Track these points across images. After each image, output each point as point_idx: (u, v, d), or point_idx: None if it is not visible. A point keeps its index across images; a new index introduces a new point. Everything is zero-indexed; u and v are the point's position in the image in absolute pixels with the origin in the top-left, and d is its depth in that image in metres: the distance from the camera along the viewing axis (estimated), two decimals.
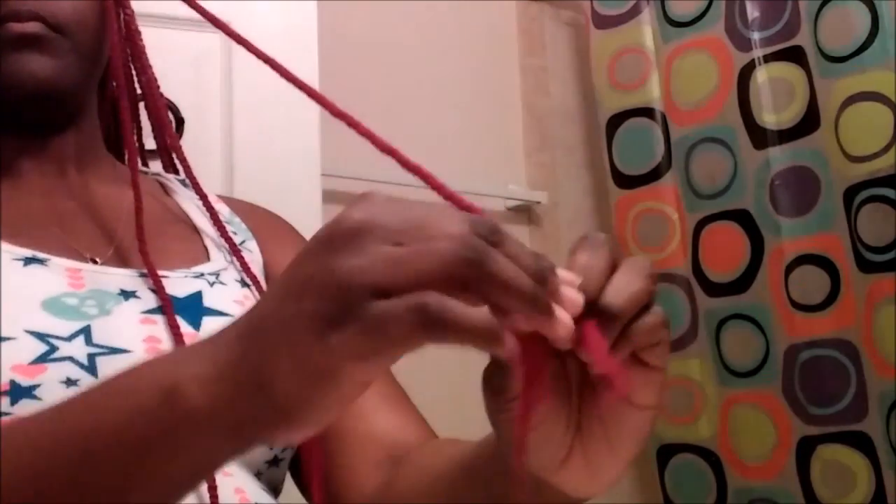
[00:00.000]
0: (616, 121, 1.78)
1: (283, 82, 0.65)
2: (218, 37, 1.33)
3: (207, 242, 0.75)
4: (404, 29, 1.78)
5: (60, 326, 0.60)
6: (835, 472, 1.49)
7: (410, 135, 1.75)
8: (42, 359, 0.58)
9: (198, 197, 0.78)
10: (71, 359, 0.59)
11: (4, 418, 0.55)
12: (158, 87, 0.79)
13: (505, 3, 1.94)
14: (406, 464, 0.67)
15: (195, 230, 0.76)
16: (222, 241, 0.75)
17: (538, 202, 1.86)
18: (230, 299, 0.69)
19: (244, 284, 0.72)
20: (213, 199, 0.80)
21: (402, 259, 0.37)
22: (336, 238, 0.39)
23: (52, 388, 0.57)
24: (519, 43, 1.95)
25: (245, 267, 0.73)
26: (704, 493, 1.64)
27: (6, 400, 0.56)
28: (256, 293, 0.71)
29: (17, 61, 0.67)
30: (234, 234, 0.77)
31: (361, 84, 1.68)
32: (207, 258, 0.73)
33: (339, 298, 0.37)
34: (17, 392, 0.56)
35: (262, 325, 0.40)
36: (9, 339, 0.58)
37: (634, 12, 1.77)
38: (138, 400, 0.42)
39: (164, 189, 0.80)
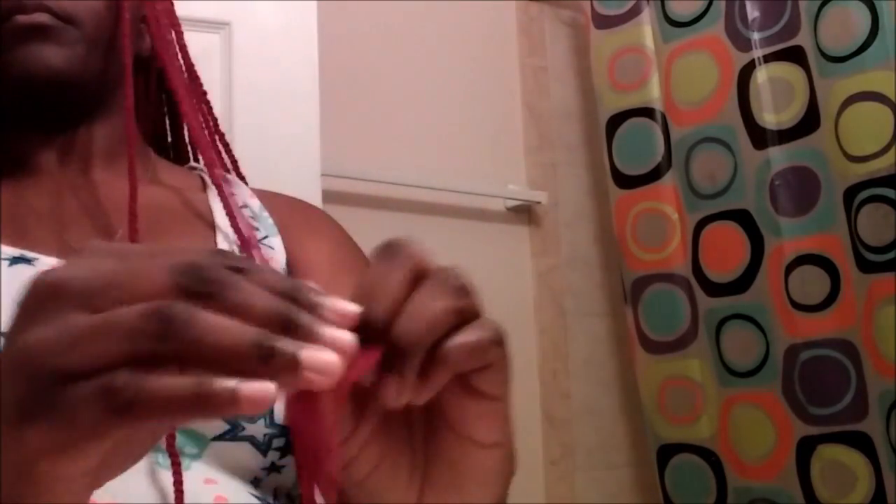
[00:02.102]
0: (616, 121, 1.78)
1: (282, 83, 0.65)
2: (218, 37, 1.33)
3: (220, 238, 0.73)
4: (404, 29, 1.78)
5: None
6: (835, 472, 1.48)
7: (410, 135, 1.76)
8: None
9: (231, 191, 0.76)
10: None
11: None
12: (194, 80, 0.78)
13: (505, 3, 1.94)
14: None
15: (211, 226, 0.74)
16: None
17: (538, 202, 1.86)
18: None
19: None
20: (247, 194, 0.79)
21: (85, 334, 0.32)
22: (27, 306, 0.34)
23: None
24: (519, 43, 1.95)
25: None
26: (704, 493, 1.64)
27: None
28: None
29: (26, 52, 0.66)
30: (257, 229, 0.75)
31: (361, 84, 1.69)
32: None
33: (28, 383, 0.32)
34: None
35: None
36: None
37: (634, 12, 1.77)
38: None
39: (204, 184, 0.79)
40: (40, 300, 0.33)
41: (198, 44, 1.31)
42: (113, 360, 0.31)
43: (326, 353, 0.32)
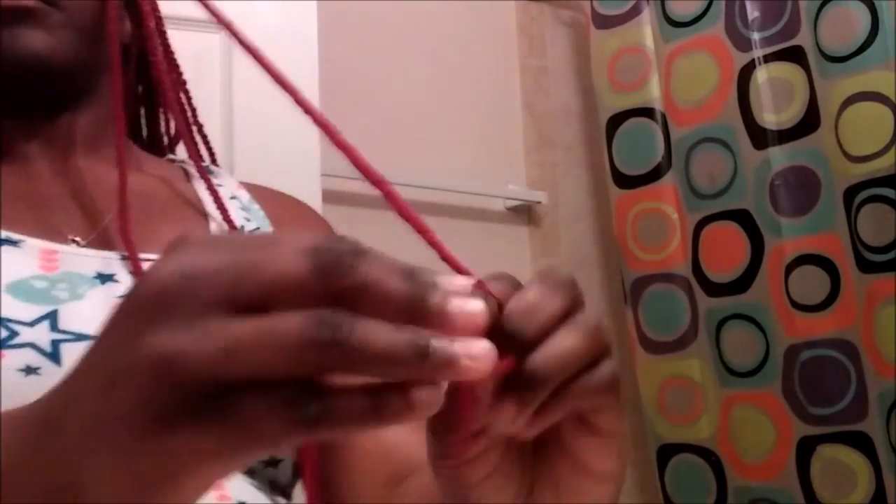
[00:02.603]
0: (616, 121, 1.78)
1: None
2: (218, 37, 1.33)
3: (213, 227, 0.72)
4: (404, 29, 1.78)
5: (24, 311, 0.57)
6: (835, 472, 1.48)
7: (411, 135, 1.76)
8: None
9: (217, 182, 0.75)
10: (32, 345, 0.55)
11: None
12: (173, 69, 0.77)
13: (505, 3, 1.94)
14: (405, 486, 0.63)
15: (203, 215, 0.73)
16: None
17: (538, 202, 1.86)
18: None
19: None
20: (234, 185, 0.78)
21: (240, 345, 0.30)
22: (148, 304, 0.31)
23: (10, 377, 0.54)
24: (519, 43, 1.95)
25: None
26: (704, 493, 1.64)
27: None
28: None
29: (11, 36, 0.65)
30: (248, 220, 0.74)
31: (361, 84, 1.69)
32: None
33: (169, 389, 0.30)
34: None
35: (62, 420, 0.33)
36: None
37: (634, 12, 1.77)
38: None
39: (187, 175, 0.78)
40: (162, 298, 0.31)
41: (198, 44, 1.32)
42: (281, 370, 0.30)
43: (480, 343, 0.32)
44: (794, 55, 1.56)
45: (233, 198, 0.76)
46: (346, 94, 1.62)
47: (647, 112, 1.74)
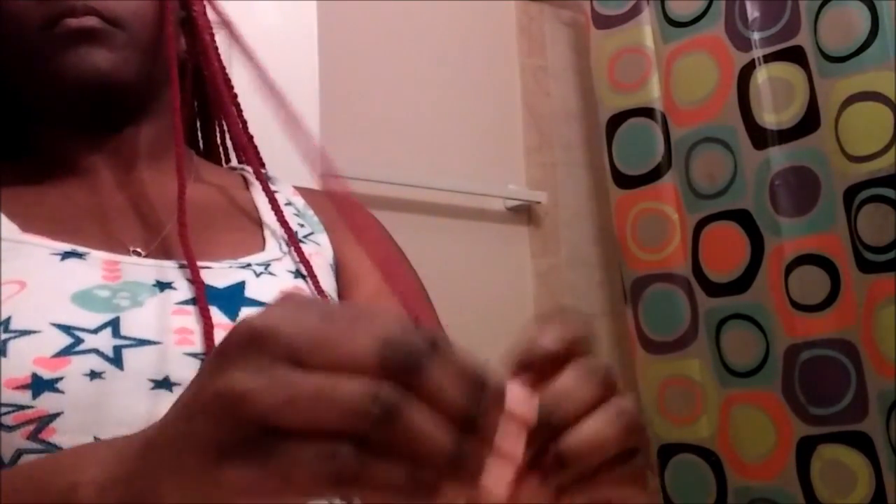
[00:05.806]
0: (616, 121, 1.78)
1: (282, 83, 0.66)
2: (218, 37, 1.33)
3: (267, 234, 0.74)
4: (404, 29, 1.78)
5: (88, 319, 0.60)
6: (835, 472, 1.49)
7: (410, 135, 1.76)
8: (66, 351, 0.57)
9: (274, 188, 0.78)
10: (96, 351, 0.58)
11: None
12: (227, 82, 0.80)
13: (505, 3, 1.94)
14: None
15: (258, 223, 0.76)
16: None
17: (538, 202, 1.86)
18: (277, 290, 0.68)
19: (299, 276, 0.71)
20: (290, 191, 0.81)
21: (300, 397, 0.33)
22: (231, 348, 0.35)
23: (76, 381, 0.57)
24: (519, 43, 1.95)
25: (302, 257, 0.72)
26: (704, 493, 1.64)
27: (28, 393, 0.56)
28: (312, 286, 0.71)
29: (75, 56, 0.68)
30: (302, 226, 0.77)
31: (361, 84, 1.68)
32: (262, 249, 0.72)
33: (231, 426, 0.34)
34: (39, 385, 0.56)
35: (156, 441, 0.38)
36: (33, 332, 0.58)
37: (634, 12, 1.77)
38: (46, 493, 0.43)
39: (246, 183, 0.81)
40: (244, 345, 0.35)
41: None
42: (332, 430, 0.33)
43: (503, 473, 0.35)
44: (794, 55, 1.56)
45: (288, 204, 0.79)
46: (346, 94, 1.62)
47: (647, 112, 1.74)
